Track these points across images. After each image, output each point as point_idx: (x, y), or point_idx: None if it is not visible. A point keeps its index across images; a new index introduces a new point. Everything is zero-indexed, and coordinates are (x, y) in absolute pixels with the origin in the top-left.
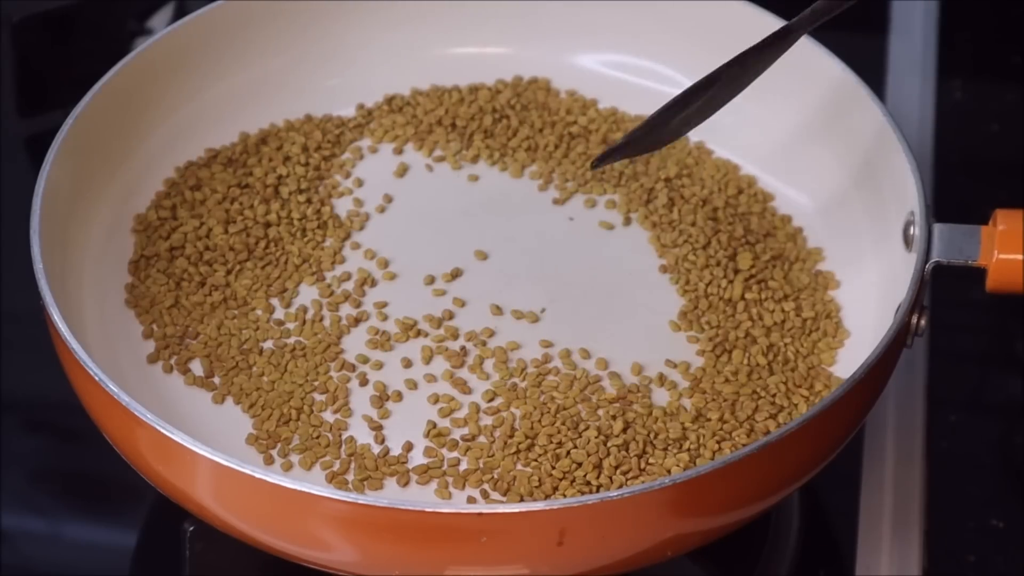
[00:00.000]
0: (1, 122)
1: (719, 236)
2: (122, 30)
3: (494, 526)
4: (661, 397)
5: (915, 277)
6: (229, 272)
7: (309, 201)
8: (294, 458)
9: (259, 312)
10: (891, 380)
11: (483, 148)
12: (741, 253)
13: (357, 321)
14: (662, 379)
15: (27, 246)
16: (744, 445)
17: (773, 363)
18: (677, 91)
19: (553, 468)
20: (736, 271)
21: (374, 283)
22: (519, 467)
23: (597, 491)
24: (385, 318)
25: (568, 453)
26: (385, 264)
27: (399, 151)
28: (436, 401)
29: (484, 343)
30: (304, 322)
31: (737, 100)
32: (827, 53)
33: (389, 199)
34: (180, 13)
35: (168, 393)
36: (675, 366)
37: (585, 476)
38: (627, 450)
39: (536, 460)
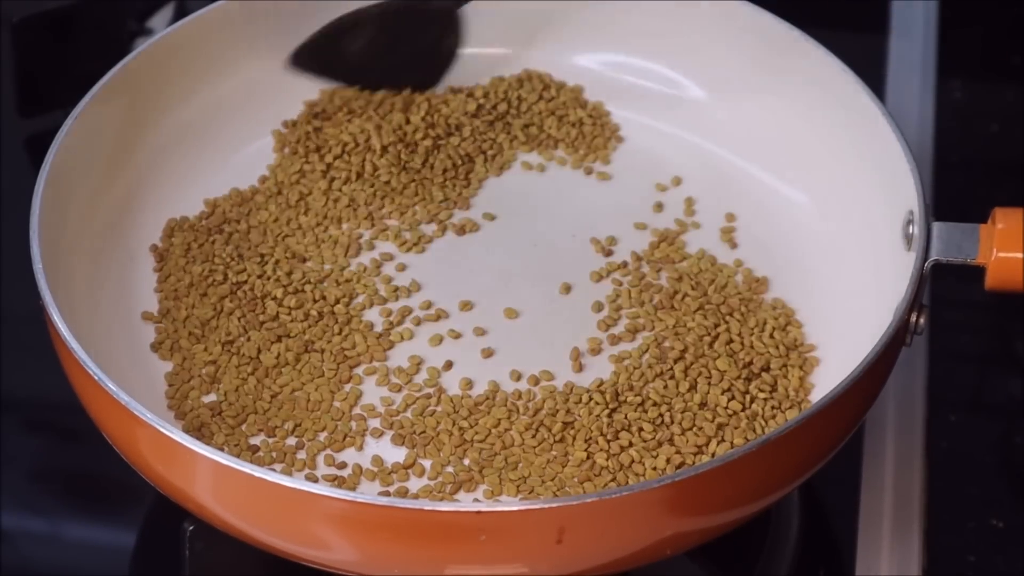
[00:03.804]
0: (1, 122)
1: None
2: (122, 30)
3: (493, 524)
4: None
5: (914, 275)
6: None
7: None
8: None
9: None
10: (891, 380)
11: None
12: None
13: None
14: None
15: (27, 246)
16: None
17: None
18: (677, 91)
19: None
20: None
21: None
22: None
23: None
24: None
25: None
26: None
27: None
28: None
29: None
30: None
31: (736, 99)
32: (827, 53)
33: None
34: (180, 13)
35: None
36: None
37: None
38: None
39: None
